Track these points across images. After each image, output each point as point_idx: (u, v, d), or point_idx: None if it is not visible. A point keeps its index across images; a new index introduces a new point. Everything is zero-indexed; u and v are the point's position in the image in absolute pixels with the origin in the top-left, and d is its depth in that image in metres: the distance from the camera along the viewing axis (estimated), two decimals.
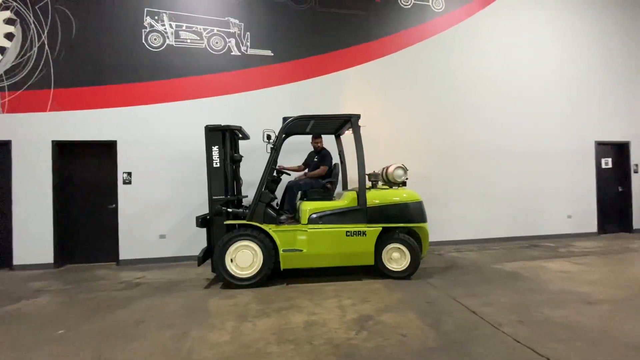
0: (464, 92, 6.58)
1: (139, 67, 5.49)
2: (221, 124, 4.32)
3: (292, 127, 4.45)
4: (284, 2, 5.98)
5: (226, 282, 4.06)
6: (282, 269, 4.12)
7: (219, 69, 5.75)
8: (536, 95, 6.92)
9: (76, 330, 2.94)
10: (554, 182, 6.93)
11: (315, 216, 4.15)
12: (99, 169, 5.48)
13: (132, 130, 5.44)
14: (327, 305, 3.40)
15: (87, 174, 5.48)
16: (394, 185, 4.58)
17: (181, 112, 5.60)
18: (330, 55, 6.11)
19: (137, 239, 5.40)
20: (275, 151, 4.27)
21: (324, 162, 4.76)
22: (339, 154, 5.35)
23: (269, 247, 4.04)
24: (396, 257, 4.24)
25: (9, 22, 5.20)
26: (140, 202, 5.42)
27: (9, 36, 5.20)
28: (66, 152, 5.39)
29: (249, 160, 5.13)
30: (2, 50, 5.17)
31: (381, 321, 2.97)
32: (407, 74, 6.39)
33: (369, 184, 4.44)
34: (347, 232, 4.14)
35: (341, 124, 4.94)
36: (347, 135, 5.16)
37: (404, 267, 4.23)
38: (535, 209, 6.79)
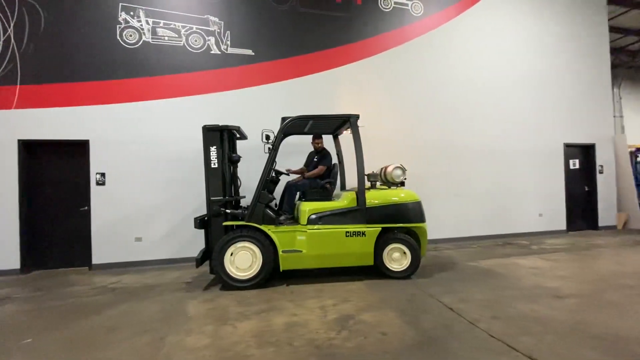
0: (440, 95, 6.75)
1: (114, 64, 5.30)
2: (219, 124, 4.24)
3: (291, 127, 4.40)
4: (265, 1, 5.94)
5: (225, 283, 3.98)
6: (281, 270, 4.08)
7: (198, 67, 5.63)
8: (509, 98, 7.19)
9: (45, 338, 2.80)
10: (526, 182, 7.22)
11: (314, 217, 4.13)
12: (70, 169, 5.24)
13: (106, 129, 5.24)
14: (308, 305, 3.40)
15: (57, 175, 5.23)
16: (392, 185, 4.63)
17: (159, 111, 5.45)
18: (311, 55, 6.11)
19: (111, 242, 5.21)
20: (274, 151, 4.22)
21: (323, 162, 4.75)
22: (337, 154, 5.37)
23: (268, 248, 4.00)
24: (397, 257, 4.26)
25: None
26: (114, 204, 5.23)
27: None
28: (34, 152, 5.12)
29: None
30: None
31: (362, 320, 3.00)
32: (386, 76, 6.49)
33: (368, 184, 4.46)
34: (346, 232, 4.13)
35: (340, 124, 4.95)
36: (345, 135, 5.22)
37: (405, 267, 4.25)
38: (508, 208, 7.06)
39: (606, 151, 7.98)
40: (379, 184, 4.76)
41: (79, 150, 5.20)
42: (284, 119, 4.34)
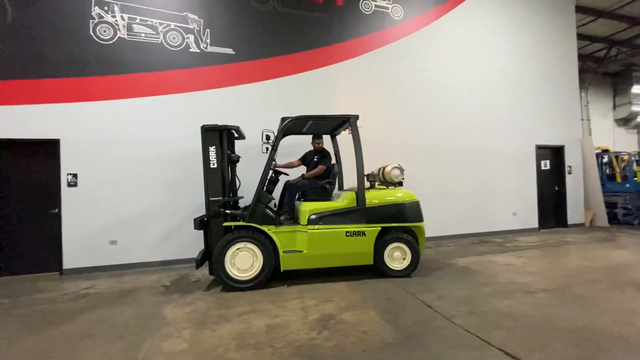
0: (418, 97, 6.89)
1: (86, 60, 5.09)
2: (218, 124, 4.18)
3: (290, 127, 4.39)
4: (246, 0, 5.88)
5: (226, 285, 3.94)
6: (282, 271, 4.07)
7: (177, 65, 5.50)
8: (484, 101, 7.43)
9: (12, 348, 2.66)
10: (501, 183, 7.49)
11: (314, 217, 4.14)
12: (39, 170, 4.99)
13: (78, 128, 5.03)
14: (289, 306, 3.39)
15: (25, 176, 4.96)
16: (390, 185, 4.69)
17: (135, 110, 5.28)
18: (292, 56, 6.10)
19: (84, 245, 4.99)
20: (273, 151, 4.20)
21: (323, 161, 4.75)
22: (335, 154, 5.38)
23: (269, 249, 3.99)
24: (397, 256, 4.32)
25: None
26: (87, 206, 5.02)
27: None
28: (0, 151, 4.86)
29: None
30: None
31: (343, 320, 3.02)
32: (367, 79, 6.57)
33: (367, 184, 4.50)
34: (347, 232, 4.16)
35: (338, 125, 4.99)
36: (341, 135, 5.26)
37: (405, 266, 4.31)
38: (484, 208, 7.30)
39: (574, 153, 8.39)
40: (376, 184, 4.84)
41: (48, 150, 4.96)
42: (283, 119, 4.32)
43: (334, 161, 5.06)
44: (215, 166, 4.09)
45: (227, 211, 4.12)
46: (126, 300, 3.76)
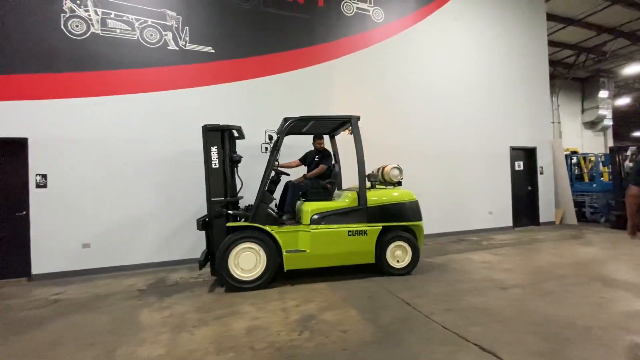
0: (398, 99, 7.00)
1: (57, 55, 4.86)
2: (220, 124, 4.13)
3: (292, 127, 4.39)
4: None
5: (229, 285, 3.90)
6: (285, 270, 4.07)
7: (155, 63, 5.35)
8: (461, 104, 7.63)
9: None
10: (478, 183, 7.72)
11: (317, 217, 4.17)
12: (5, 171, 4.72)
13: (48, 126, 4.80)
14: (270, 308, 3.37)
15: None
16: (389, 184, 4.76)
17: (109, 108, 5.09)
18: (273, 56, 6.06)
19: (54, 249, 4.77)
20: (276, 151, 4.21)
21: (324, 161, 4.76)
22: (334, 154, 5.39)
23: (272, 249, 3.99)
24: (398, 255, 4.40)
25: None
26: (58, 208, 4.80)
27: None
28: None
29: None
30: None
31: (323, 320, 3.03)
32: (348, 80, 6.61)
33: (368, 184, 4.55)
34: (349, 231, 4.20)
35: (338, 125, 5.03)
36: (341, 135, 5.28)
37: (406, 264, 4.40)
38: (462, 207, 7.50)
39: (546, 154, 8.77)
40: (377, 183, 4.90)
41: (16, 149, 4.71)
42: (286, 120, 4.33)
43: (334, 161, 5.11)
44: (217, 166, 4.07)
45: (230, 212, 4.10)
46: (99, 305, 3.62)
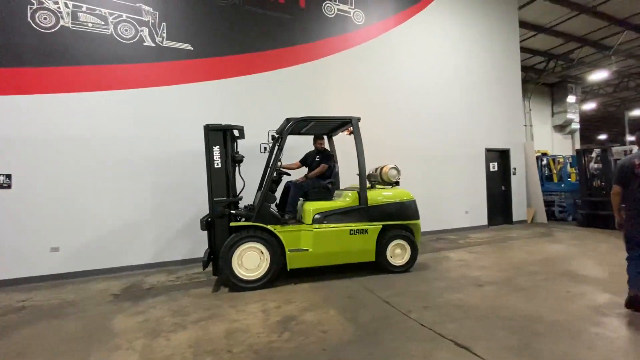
0: (378, 100, 7.10)
1: (22, 49, 4.60)
2: (222, 124, 4.12)
3: (294, 128, 4.40)
4: None
5: (233, 285, 3.90)
6: (288, 269, 4.09)
7: (129, 59, 5.17)
8: (438, 106, 7.83)
9: None
10: (455, 183, 7.95)
11: (319, 216, 4.23)
12: None
13: (12, 124, 4.54)
14: (250, 310, 3.33)
15: None
16: (387, 184, 4.84)
17: (80, 105, 4.87)
18: (253, 55, 5.99)
19: (19, 254, 4.51)
20: (279, 151, 4.24)
21: (325, 161, 4.77)
22: (333, 154, 5.37)
23: (276, 248, 4.01)
24: (398, 253, 4.50)
25: None
26: (23, 210, 4.54)
27: None
28: None
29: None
30: None
31: (304, 320, 3.02)
32: (329, 81, 6.64)
33: (368, 184, 4.61)
34: (350, 230, 4.28)
35: (338, 126, 5.09)
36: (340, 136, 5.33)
37: (405, 262, 4.50)
38: (440, 206, 7.69)
39: (518, 155, 9.13)
40: (376, 183, 4.96)
41: None
42: (288, 120, 4.33)
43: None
44: (219, 166, 4.06)
45: (232, 211, 4.09)
46: (69, 312, 3.45)
